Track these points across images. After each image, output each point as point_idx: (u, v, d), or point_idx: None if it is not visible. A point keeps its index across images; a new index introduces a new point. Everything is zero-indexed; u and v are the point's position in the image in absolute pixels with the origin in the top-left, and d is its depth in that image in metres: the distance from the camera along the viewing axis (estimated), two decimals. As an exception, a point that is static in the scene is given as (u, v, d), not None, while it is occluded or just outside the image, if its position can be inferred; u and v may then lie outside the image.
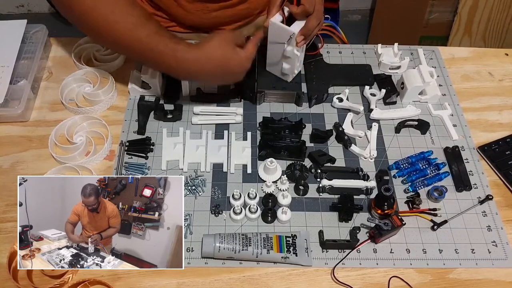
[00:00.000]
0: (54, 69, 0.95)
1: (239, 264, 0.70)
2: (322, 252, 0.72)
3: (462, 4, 1.83)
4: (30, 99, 0.87)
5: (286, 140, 0.81)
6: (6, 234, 0.72)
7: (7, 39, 0.91)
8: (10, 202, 0.75)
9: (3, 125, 0.85)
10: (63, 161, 0.79)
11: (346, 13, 2.34)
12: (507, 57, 1.03)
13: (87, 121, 0.85)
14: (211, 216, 0.75)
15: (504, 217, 0.77)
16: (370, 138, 0.85)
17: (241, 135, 0.85)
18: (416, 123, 0.87)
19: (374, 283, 0.69)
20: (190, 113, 0.88)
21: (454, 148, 0.84)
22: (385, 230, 0.70)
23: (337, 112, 0.90)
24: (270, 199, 0.76)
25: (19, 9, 2.33)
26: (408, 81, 0.89)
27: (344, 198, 0.75)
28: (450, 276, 0.70)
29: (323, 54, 0.98)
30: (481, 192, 0.79)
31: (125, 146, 0.82)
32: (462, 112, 0.91)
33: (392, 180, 0.81)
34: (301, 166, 0.80)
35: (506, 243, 0.74)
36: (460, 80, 0.97)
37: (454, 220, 0.76)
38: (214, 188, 0.78)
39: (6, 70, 0.86)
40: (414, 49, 1.02)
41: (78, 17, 0.71)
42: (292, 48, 0.81)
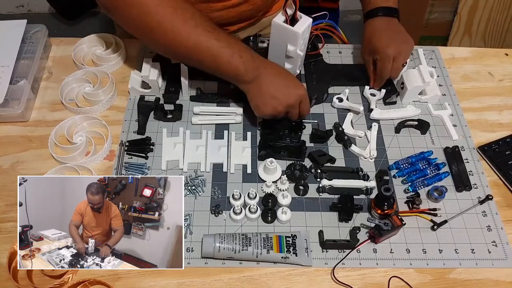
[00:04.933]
0: (54, 69, 0.95)
1: (239, 264, 0.70)
2: (322, 252, 0.72)
3: (462, 4, 1.83)
4: (30, 99, 0.87)
5: (286, 140, 0.81)
6: (6, 234, 0.72)
7: (7, 39, 0.91)
8: (10, 202, 0.75)
9: (3, 125, 0.85)
10: (63, 161, 0.79)
11: (346, 13, 2.34)
12: (507, 57, 1.03)
13: (87, 121, 0.85)
14: (211, 216, 0.75)
15: (504, 217, 0.77)
16: (370, 138, 0.85)
17: (241, 135, 0.85)
18: (416, 123, 0.87)
19: (374, 283, 0.69)
20: (190, 113, 0.88)
21: (454, 148, 0.84)
22: (385, 230, 0.70)
23: (337, 112, 0.90)
24: (270, 199, 0.76)
25: (19, 9, 2.33)
26: (408, 81, 0.89)
27: (344, 198, 0.75)
28: (450, 276, 0.70)
29: (323, 54, 0.98)
30: (481, 192, 0.79)
31: (125, 146, 0.82)
32: (462, 112, 0.91)
33: (392, 180, 0.81)
34: (301, 166, 0.80)
35: (506, 243, 0.74)
36: (460, 80, 0.97)
37: (454, 220, 0.76)
38: (214, 188, 0.78)
39: (6, 70, 0.86)
40: (414, 49, 1.02)
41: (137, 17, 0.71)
42: (294, 48, 0.81)
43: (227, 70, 0.76)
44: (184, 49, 0.74)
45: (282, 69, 0.81)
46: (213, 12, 0.92)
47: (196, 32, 0.72)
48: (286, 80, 0.78)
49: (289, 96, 0.77)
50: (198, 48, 0.73)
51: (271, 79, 0.77)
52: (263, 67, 0.77)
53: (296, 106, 0.79)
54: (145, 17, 0.71)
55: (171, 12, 0.71)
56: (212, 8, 0.91)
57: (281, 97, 0.77)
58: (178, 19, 0.71)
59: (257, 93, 0.77)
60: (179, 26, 0.71)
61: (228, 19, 0.96)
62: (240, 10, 0.94)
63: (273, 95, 0.77)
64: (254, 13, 0.99)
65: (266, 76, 0.77)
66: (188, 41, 0.72)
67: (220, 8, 0.91)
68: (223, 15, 0.93)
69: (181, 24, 0.71)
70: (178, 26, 0.71)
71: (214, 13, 0.92)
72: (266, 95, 0.77)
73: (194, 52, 0.74)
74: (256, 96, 0.78)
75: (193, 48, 0.73)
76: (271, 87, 0.77)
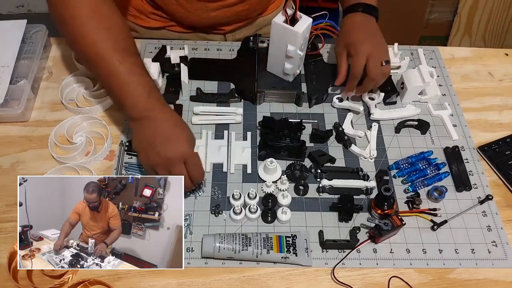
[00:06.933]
0: (54, 69, 0.95)
1: (239, 264, 0.70)
2: (322, 252, 0.72)
3: (462, 4, 1.83)
4: (30, 99, 0.87)
5: (286, 140, 0.81)
6: (6, 234, 0.72)
7: (7, 39, 0.91)
8: (10, 202, 0.75)
9: (3, 125, 0.85)
10: (63, 161, 0.79)
11: (346, 13, 2.34)
12: (507, 57, 1.03)
13: (87, 121, 0.85)
14: (211, 216, 0.75)
15: (504, 217, 0.77)
16: (370, 138, 0.85)
17: (241, 135, 0.85)
18: (416, 123, 0.87)
19: (374, 283, 0.69)
20: (190, 113, 0.88)
21: (454, 148, 0.84)
22: (385, 230, 0.70)
23: (337, 112, 0.90)
24: (270, 199, 0.76)
25: (19, 9, 2.33)
26: (408, 81, 0.89)
27: (344, 198, 0.75)
28: (450, 276, 0.70)
29: (323, 54, 0.98)
30: (481, 192, 0.79)
31: (125, 146, 0.82)
32: (462, 112, 0.91)
33: (392, 180, 0.81)
34: (301, 166, 0.80)
35: (506, 243, 0.74)
36: (460, 80, 0.97)
37: (454, 220, 0.76)
38: (214, 188, 0.78)
39: (6, 70, 0.86)
40: (414, 49, 1.02)
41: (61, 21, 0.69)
42: (295, 48, 0.81)
43: (116, 96, 0.70)
44: (85, 56, 0.70)
45: (178, 120, 0.70)
46: (209, 12, 0.92)
47: (103, 45, 0.67)
48: (174, 132, 0.68)
49: (168, 150, 0.66)
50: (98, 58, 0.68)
51: (156, 126, 0.68)
52: (157, 111, 0.68)
53: (178, 165, 0.67)
54: (61, 8, 0.68)
55: (87, 14, 0.68)
56: (208, 8, 0.91)
57: (160, 148, 0.66)
58: (92, 24, 0.68)
59: (139, 136, 0.69)
60: (88, 31, 0.68)
61: (224, 19, 0.96)
62: (236, 10, 0.94)
63: (151, 144, 0.67)
64: (250, 13, 0.99)
65: (154, 121, 0.68)
66: (91, 49, 0.68)
67: (216, 8, 0.92)
68: (219, 14, 0.93)
69: (91, 31, 0.67)
70: (87, 30, 0.68)
71: (210, 13, 0.92)
72: (145, 142, 0.68)
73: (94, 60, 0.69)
74: (137, 140, 0.70)
75: (94, 58, 0.68)
76: (152, 135, 0.67)
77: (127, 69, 0.68)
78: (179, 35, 1.02)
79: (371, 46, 0.80)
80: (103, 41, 0.68)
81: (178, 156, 0.67)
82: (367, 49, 0.80)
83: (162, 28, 1.01)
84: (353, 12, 0.85)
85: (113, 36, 0.69)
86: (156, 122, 0.68)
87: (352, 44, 0.81)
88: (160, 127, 0.68)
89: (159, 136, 0.67)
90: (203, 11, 0.92)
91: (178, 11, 0.93)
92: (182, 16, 0.94)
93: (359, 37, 0.81)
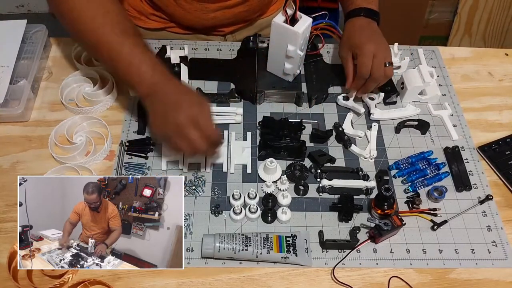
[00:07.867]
0: (54, 69, 0.95)
1: (239, 264, 0.70)
2: (322, 252, 0.72)
3: (462, 4, 1.83)
4: (30, 99, 0.87)
5: (286, 140, 0.81)
6: (6, 234, 0.72)
7: (7, 39, 0.91)
8: (10, 202, 0.75)
9: (3, 125, 0.85)
10: (63, 161, 0.79)
11: (346, 13, 2.34)
12: (507, 57, 1.03)
13: (87, 121, 0.85)
14: (211, 216, 0.75)
15: (504, 217, 0.77)
16: (370, 138, 0.85)
17: (241, 135, 0.85)
18: (416, 123, 0.87)
19: (374, 283, 0.69)
20: (190, 113, 0.88)
21: (454, 148, 0.84)
22: (385, 230, 0.70)
23: (337, 112, 0.90)
24: (270, 199, 0.76)
25: (19, 9, 2.33)
26: (408, 81, 0.89)
27: (344, 198, 0.75)
28: (450, 276, 0.70)
29: (323, 54, 0.98)
30: (481, 192, 0.79)
31: (125, 146, 0.82)
32: (462, 112, 0.91)
33: (392, 180, 0.81)
34: (301, 166, 0.80)
35: (506, 243, 0.74)
36: (460, 80, 0.97)
37: (454, 220, 0.76)
38: (214, 188, 0.78)
39: (6, 70, 0.86)
40: (414, 49, 1.02)
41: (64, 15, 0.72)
42: (295, 48, 0.81)
43: (123, 78, 0.72)
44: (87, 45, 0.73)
45: (184, 89, 0.72)
46: (208, 13, 0.92)
47: (101, 31, 0.70)
48: (181, 99, 0.70)
49: (176, 116, 0.67)
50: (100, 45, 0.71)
51: (164, 98, 0.70)
52: (163, 84, 0.70)
53: (188, 128, 0.67)
54: (58, 4, 0.71)
55: (83, 4, 0.70)
56: (207, 9, 0.91)
57: (170, 117, 0.68)
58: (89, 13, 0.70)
59: (152, 111, 0.71)
60: (86, 20, 0.70)
61: (224, 20, 0.96)
62: (236, 11, 0.94)
63: (163, 115, 0.69)
64: (250, 15, 0.99)
65: (161, 94, 0.70)
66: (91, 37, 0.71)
67: (215, 9, 0.91)
68: (219, 15, 0.93)
69: (89, 19, 0.70)
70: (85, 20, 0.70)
71: (209, 14, 0.92)
72: (158, 115, 0.70)
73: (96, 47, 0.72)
74: (151, 116, 0.71)
75: (96, 45, 0.71)
76: (162, 107, 0.69)
77: (128, 50, 0.70)
78: (179, 36, 1.02)
79: (375, 47, 0.81)
80: (101, 27, 0.70)
81: (187, 120, 0.67)
82: (371, 49, 0.80)
83: (162, 29, 1.01)
84: (355, 17, 0.86)
85: (110, 20, 0.71)
86: (164, 95, 0.70)
87: (356, 45, 0.82)
88: (168, 97, 0.70)
89: (168, 106, 0.69)
90: (202, 12, 0.92)
91: (177, 12, 0.93)
92: (182, 17, 0.94)
93: (363, 38, 0.82)
